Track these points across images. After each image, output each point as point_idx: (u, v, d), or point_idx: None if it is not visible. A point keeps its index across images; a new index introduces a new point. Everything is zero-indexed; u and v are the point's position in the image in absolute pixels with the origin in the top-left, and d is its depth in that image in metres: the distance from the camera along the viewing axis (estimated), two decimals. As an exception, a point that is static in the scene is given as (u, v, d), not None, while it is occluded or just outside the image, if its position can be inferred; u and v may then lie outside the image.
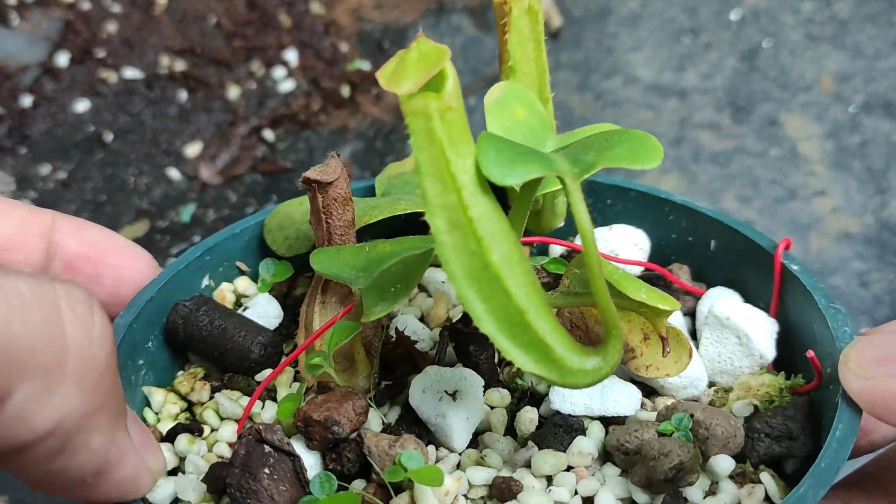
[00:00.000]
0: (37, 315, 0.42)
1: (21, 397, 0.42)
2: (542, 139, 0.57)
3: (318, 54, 1.42)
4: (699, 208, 0.67)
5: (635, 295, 0.52)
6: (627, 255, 0.70)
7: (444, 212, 0.44)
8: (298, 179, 0.59)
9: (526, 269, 0.46)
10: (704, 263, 0.68)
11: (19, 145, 1.34)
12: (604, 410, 0.56)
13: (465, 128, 0.44)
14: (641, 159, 0.45)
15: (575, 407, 0.56)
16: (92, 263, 0.62)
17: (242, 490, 0.53)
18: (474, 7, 1.44)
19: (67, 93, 1.40)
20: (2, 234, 0.59)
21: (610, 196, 0.73)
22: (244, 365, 0.63)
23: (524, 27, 0.64)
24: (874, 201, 1.14)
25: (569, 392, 0.56)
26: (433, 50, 0.42)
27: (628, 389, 0.57)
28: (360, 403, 0.56)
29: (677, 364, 0.56)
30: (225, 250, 0.70)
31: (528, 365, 0.46)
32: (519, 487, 0.53)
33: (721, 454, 0.52)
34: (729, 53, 1.33)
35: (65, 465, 0.45)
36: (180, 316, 0.64)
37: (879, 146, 1.20)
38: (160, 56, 1.44)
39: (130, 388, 0.62)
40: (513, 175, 0.44)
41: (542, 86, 0.67)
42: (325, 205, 0.60)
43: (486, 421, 0.57)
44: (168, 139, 1.35)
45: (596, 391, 0.57)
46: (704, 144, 1.24)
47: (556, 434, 0.55)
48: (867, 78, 1.27)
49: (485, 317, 0.46)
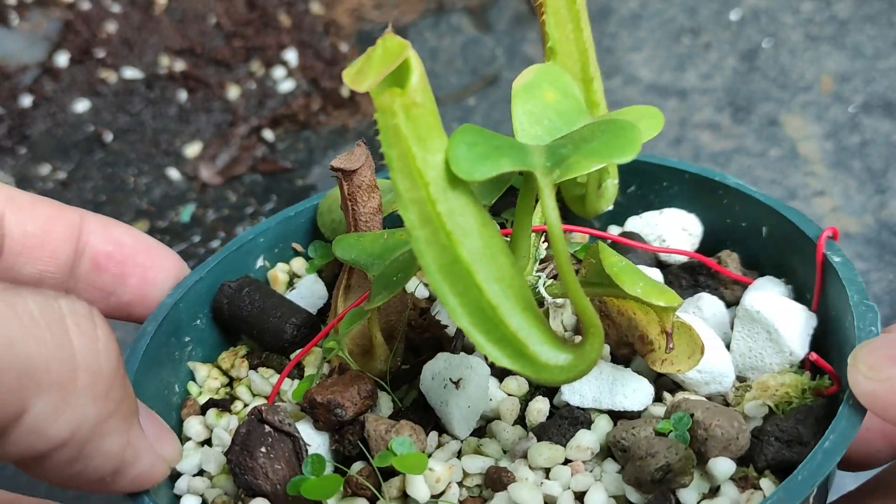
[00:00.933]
0: (47, 333, 0.44)
1: (37, 412, 0.43)
2: (573, 123, 0.56)
3: (317, 54, 1.42)
4: (751, 192, 0.65)
5: (631, 289, 0.51)
6: (675, 241, 0.68)
7: (416, 206, 0.45)
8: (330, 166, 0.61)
9: (504, 263, 0.46)
10: (757, 250, 0.66)
11: (19, 145, 1.34)
12: (612, 404, 0.56)
13: (434, 123, 0.44)
14: (616, 153, 0.44)
15: (584, 399, 0.56)
16: (118, 262, 0.64)
17: (240, 467, 0.55)
18: (474, 7, 1.44)
19: (67, 93, 1.40)
20: (27, 232, 0.59)
21: (665, 178, 0.71)
22: (279, 344, 0.66)
23: (561, 7, 0.64)
24: (874, 201, 1.14)
25: (578, 384, 0.56)
26: (396, 45, 0.42)
27: (639, 384, 0.56)
28: (367, 388, 0.57)
29: (690, 360, 0.55)
30: (279, 233, 0.72)
31: (502, 360, 0.47)
32: (510, 478, 0.52)
33: (721, 457, 0.51)
34: (729, 53, 1.33)
35: (82, 468, 0.47)
36: (225, 296, 0.67)
37: (879, 146, 1.20)
38: (160, 56, 1.44)
39: (174, 363, 0.66)
40: (480, 171, 0.44)
41: (585, 66, 0.65)
42: (350, 192, 0.61)
43: (498, 409, 0.57)
44: (168, 139, 1.35)
45: (605, 384, 0.56)
46: (704, 144, 1.24)
47: (561, 426, 0.55)
48: (867, 78, 1.27)
49: (459, 311, 0.46)
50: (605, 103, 0.68)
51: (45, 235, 0.61)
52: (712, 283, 0.66)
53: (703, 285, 0.66)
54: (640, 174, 0.72)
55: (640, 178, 0.72)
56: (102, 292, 0.64)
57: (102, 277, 0.64)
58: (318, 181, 1.27)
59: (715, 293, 0.64)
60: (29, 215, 0.60)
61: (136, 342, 0.63)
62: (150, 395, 0.62)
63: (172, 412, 0.65)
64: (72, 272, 0.63)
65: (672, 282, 0.66)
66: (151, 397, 0.62)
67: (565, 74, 0.60)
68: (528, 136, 0.57)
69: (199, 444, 0.63)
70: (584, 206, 0.69)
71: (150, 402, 0.61)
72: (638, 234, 0.70)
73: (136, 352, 0.62)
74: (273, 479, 0.55)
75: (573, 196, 0.69)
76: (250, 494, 0.56)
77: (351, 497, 0.54)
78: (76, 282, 0.63)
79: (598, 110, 0.66)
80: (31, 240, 0.60)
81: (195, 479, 0.59)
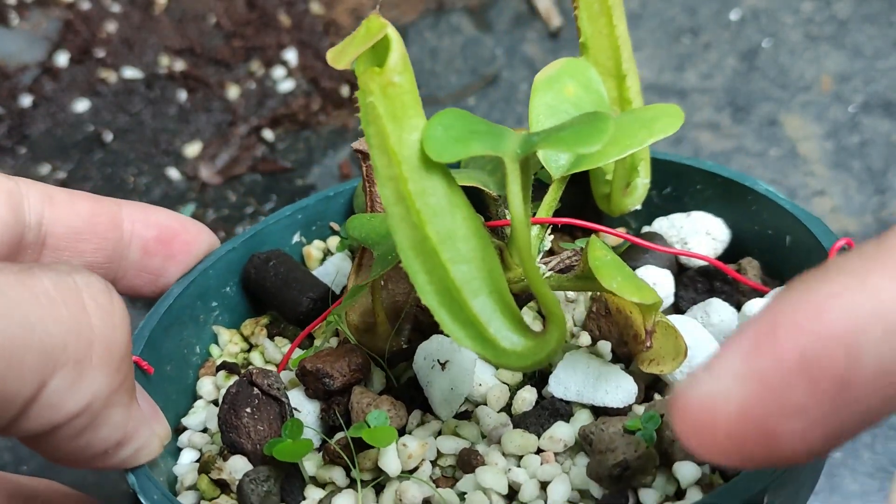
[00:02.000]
0: (64, 311, 0.45)
1: (54, 386, 0.45)
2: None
3: (317, 54, 1.42)
4: (778, 199, 0.65)
5: (607, 283, 0.51)
6: (698, 245, 0.68)
7: (391, 183, 0.46)
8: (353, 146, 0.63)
9: (475, 245, 0.47)
10: (781, 260, 0.65)
11: (19, 145, 1.34)
12: (593, 399, 0.56)
13: (412, 102, 0.45)
14: (582, 143, 0.44)
15: (568, 392, 0.56)
16: (166, 245, 0.66)
17: (226, 424, 0.58)
18: (474, 7, 1.44)
19: (67, 92, 1.40)
20: (71, 227, 0.61)
21: (699, 181, 0.71)
22: (296, 316, 0.68)
23: (594, 2, 0.64)
24: (873, 201, 1.13)
25: (564, 376, 0.56)
26: (376, 25, 0.43)
27: (623, 381, 0.57)
28: (357, 361, 0.60)
29: (674, 361, 0.55)
30: (317, 211, 0.76)
31: (464, 341, 0.47)
32: (479, 462, 0.54)
33: (686, 461, 0.51)
34: (728, 53, 1.33)
35: (90, 439, 0.49)
36: (253, 266, 0.71)
37: (879, 146, 1.19)
38: (160, 56, 1.44)
39: (198, 325, 0.69)
40: (450, 152, 0.45)
41: (617, 62, 0.65)
42: (368, 174, 0.63)
43: (485, 395, 0.58)
44: (167, 139, 1.35)
45: (590, 378, 0.56)
46: (704, 144, 1.24)
47: (541, 416, 0.55)
48: (867, 78, 1.26)
49: (426, 288, 0.47)
50: (642, 100, 0.67)
51: (89, 229, 0.63)
52: (728, 289, 0.65)
53: (719, 291, 0.65)
54: (676, 175, 0.72)
55: (676, 179, 0.72)
56: (152, 275, 0.67)
57: (154, 261, 0.66)
58: (318, 181, 1.27)
59: (730, 300, 0.64)
60: (70, 211, 0.62)
61: (161, 301, 0.66)
62: (167, 353, 0.66)
63: (190, 371, 0.69)
64: (120, 261, 0.65)
65: (687, 285, 0.66)
66: (168, 354, 0.66)
67: (590, 69, 0.61)
68: (542, 128, 0.57)
69: (208, 403, 0.67)
70: (610, 203, 0.68)
71: (167, 359, 0.66)
72: (661, 235, 0.69)
73: (158, 310, 0.65)
74: (255, 438, 0.57)
75: (601, 194, 0.69)
76: (232, 451, 0.58)
77: (329, 465, 0.56)
78: (125, 270, 0.66)
79: (632, 107, 0.66)
80: (75, 235, 0.62)
81: (196, 435, 0.63)
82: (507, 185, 0.44)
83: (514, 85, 1.35)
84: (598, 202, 0.70)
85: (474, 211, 0.47)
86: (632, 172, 0.67)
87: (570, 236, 0.73)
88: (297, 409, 0.59)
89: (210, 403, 0.67)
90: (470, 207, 0.47)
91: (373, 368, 0.62)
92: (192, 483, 0.59)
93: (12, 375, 0.43)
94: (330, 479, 0.56)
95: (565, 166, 0.58)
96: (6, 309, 0.43)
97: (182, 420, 0.65)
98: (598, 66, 0.63)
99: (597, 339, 0.61)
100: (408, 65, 0.44)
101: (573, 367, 0.56)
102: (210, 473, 0.58)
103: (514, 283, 0.57)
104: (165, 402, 0.63)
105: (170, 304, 0.65)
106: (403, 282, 0.63)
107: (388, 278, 0.63)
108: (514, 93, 1.34)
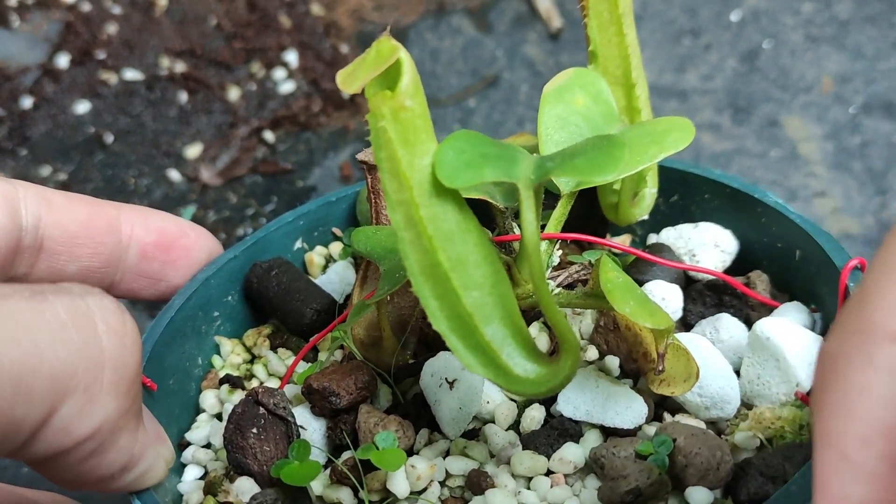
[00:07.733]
0: (75, 335, 0.45)
1: (64, 412, 0.45)
2: (599, 129, 0.56)
3: (318, 56, 1.42)
4: (788, 212, 0.63)
5: (620, 308, 0.50)
6: (706, 257, 0.66)
7: (402, 208, 0.45)
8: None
9: (487, 271, 0.46)
10: (790, 274, 0.64)
11: (20, 147, 1.34)
12: (603, 419, 0.55)
13: (423, 126, 0.44)
14: (597, 171, 0.44)
15: (577, 411, 0.55)
16: (165, 249, 0.65)
17: (232, 444, 0.57)
18: (474, 8, 1.44)
19: (68, 94, 1.40)
20: (68, 231, 0.60)
21: (707, 190, 0.69)
22: (299, 327, 0.67)
23: (603, 10, 0.63)
24: (874, 202, 1.14)
25: (573, 395, 0.56)
26: (388, 48, 0.43)
27: (633, 401, 0.56)
28: (364, 378, 0.59)
29: (685, 383, 0.54)
30: (319, 216, 0.74)
31: (476, 368, 0.47)
32: (489, 484, 0.53)
33: (699, 486, 0.50)
34: (729, 54, 1.33)
35: (97, 463, 0.48)
36: (255, 275, 0.69)
37: (880, 147, 1.20)
38: (160, 57, 1.44)
39: (200, 336, 0.68)
40: (462, 178, 0.45)
41: (626, 71, 0.64)
42: (374, 186, 0.63)
43: (493, 413, 0.58)
44: (168, 140, 1.35)
45: (600, 398, 0.56)
46: (705, 145, 1.24)
47: (550, 436, 0.55)
48: (867, 79, 1.27)
49: (438, 314, 0.46)
50: (650, 109, 0.66)
51: (87, 233, 0.62)
52: (737, 303, 0.64)
53: (728, 305, 0.64)
54: (683, 184, 0.70)
55: (683, 187, 0.71)
56: (151, 280, 0.66)
57: (152, 266, 0.65)
58: (319, 182, 1.27)
59: (739, 315, 0.63)
60: (67, 215, 0.61)
61: (162, 314, 0.64)
62: (169, 366, 0.64)
63: (193, 383, 0.67)
64: (117, 265, 0.64)
65: (696, 299, 0.65)
66: (171, 367, 0.64)
67: (600, 79, 0.60)
68: (552, 141, 0.57)
69: (212, 417, 0.65)
70: (618, 214, 0.68)
71: (169, 372, 0.64)
72: (669, 247, 0.68)
73: (160, 323, 0.64)
74: (261, 459, 0.56)
75: (609, 203, 0.69)
76: (238, 472, 0.57)
77: (336, 485, 0.55)
78: (123, 274, 0.65)
79: (641, 117, 0.65)
80: (72, 239, 0.61)
81: (200, 451, 0.61)
82: (522, 212, 0.43)
83: (514, 86, 1.35)
84: (605, 212, 0.69)
85: (485, 236, 0.47)
86: (640, 182, 0.67)
87: (577, 246, 0.72)
88: (303, 427, 0.58)
89: (213, 418, 0.65)
90: (481, 232, 0.46)
91: (379, 384, 0.61)
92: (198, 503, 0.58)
93: (20, 401, 0.42)
94: (337, 500, 0.55)
95: (574, 182, 0.58)
96: (15, 334, 0.42)
97: (185, 435, 0.64)
98: (606, 75, 0.63)
99: (605, 354, 0.60)
100: (419, 88, 0.44)
101: (582, 385, 0.55)
102: (217, 496, 0.57)
103: (522, 298, 0.56)
104: (168, 417, 0.62)
105: (171, 317, 0.64)
106: (409, 295, 0.63)
107: (394, 292, 0.62)
108: (515, 94, 1.34)
